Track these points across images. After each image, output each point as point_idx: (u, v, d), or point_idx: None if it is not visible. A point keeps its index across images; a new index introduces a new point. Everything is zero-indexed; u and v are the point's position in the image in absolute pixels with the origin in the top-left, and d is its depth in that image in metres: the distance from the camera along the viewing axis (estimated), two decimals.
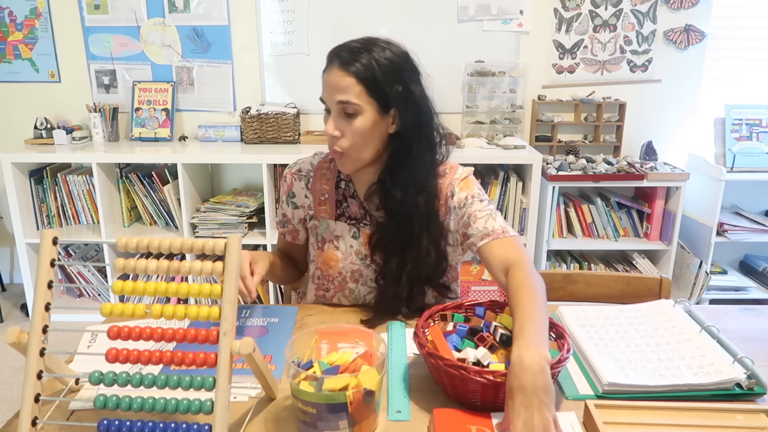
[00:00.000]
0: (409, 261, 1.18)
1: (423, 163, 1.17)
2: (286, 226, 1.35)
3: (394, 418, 0.88)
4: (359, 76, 1.08)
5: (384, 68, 1.09)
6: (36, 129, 2.81)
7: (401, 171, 1.16)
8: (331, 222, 1.27)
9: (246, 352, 0.79)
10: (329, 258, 1.27)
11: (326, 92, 1.12)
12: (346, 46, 1.12)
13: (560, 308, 1.20)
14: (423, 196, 1.17)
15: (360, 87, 1.09)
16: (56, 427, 0.86)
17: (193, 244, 0.84)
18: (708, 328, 1.06)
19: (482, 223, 1.19)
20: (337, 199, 1.27)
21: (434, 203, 1.20)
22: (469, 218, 1.20)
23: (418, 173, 1.16)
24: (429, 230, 1.19)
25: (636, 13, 2.81)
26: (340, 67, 1.09)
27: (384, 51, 1.11)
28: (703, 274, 2.75)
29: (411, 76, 1.14)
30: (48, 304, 0.83)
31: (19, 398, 0.80)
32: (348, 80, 1.09)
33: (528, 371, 0.80)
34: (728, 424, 0.84)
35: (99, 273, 2.92)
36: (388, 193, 1.17)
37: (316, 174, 1.29)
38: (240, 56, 2.88)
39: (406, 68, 1.13)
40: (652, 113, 2.94)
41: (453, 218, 1.24)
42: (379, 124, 1.13)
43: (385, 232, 1.20)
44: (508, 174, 2.74)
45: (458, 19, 2.80)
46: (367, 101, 1.10)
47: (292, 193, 1.31)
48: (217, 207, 2.73)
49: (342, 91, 1.09)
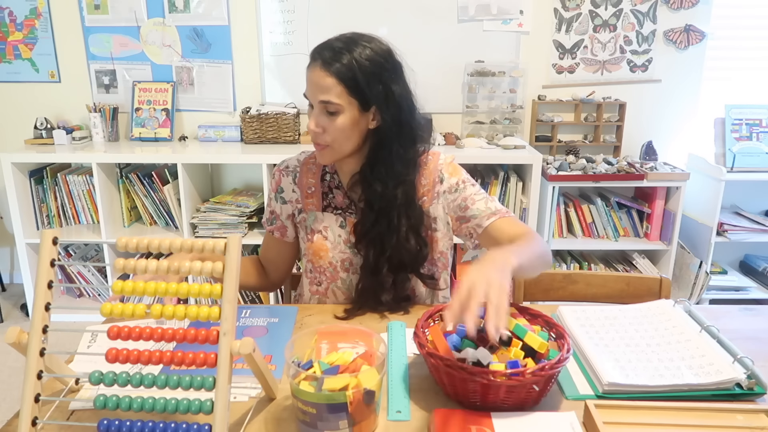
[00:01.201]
0: (388, 249, 1.22)
1: (402, 157, 1.20)
2: (274, 222, 1.37)
3: (394, 418, 0.88)
4: (340, 76, 1.11)
5: (364, 68, 1.11)
6: (36, 129, 2.81)
7: (381, 165, 1.19)
8: (319, 213, 1.30)
9: (246, 352, 0.79)
10: (319, 248, 1.29)
11: (309, 90, 1.16)
12: (329, 45, 1.14)
13: (560, 308, 1.20)
14: (402, 187, 1.21)
15: (341, 87, 1.11)
16: (56, 427, 0.86)
17: (193, 244, 0.84)
18: (708, 328, 1.06)
19: (482, 204, 1.24)
20: (323, 191, 1.31)
21: (413, 192, 1.23)
22: (466, 201, 1.25)
23: (397, 167, 1.20)
24: (408, 217, 1.22)
25: (636, 13, 2.81)
26: (322, 67, 1.12)
27: (365, 50, 1.13)
28: (703, 274, 2.75)
29: (391, 75, 1.16)
30: (48, 304, 0.83)
31: (19, 398, 0.80)
32: (329, 80, 1.11)
33: (490, 261, 0.92)
34: (728, 424, 0.84)
35: (99, 273, 2.92)
36: (369, 185, 1.21)
37: (302, 169, 1.32)
38: (240, 56, 2.88)
39: (386, 67, 1.15)
40: (652, 113, 2.94)
41: (442, 203, 1.27)
42: (359, 122, 1.16)
43: (364, 221, 1.24)
44: (508, 174, 2.74)
45: (458, 19, 2.80)
46: (347, 101, 1.13)
47: (280, 188, 1.34)
48: (217, 207, 2.73)
49: (324, 90, 1.12)
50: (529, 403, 0.89)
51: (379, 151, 1.19)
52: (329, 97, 1.12)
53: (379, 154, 1.19)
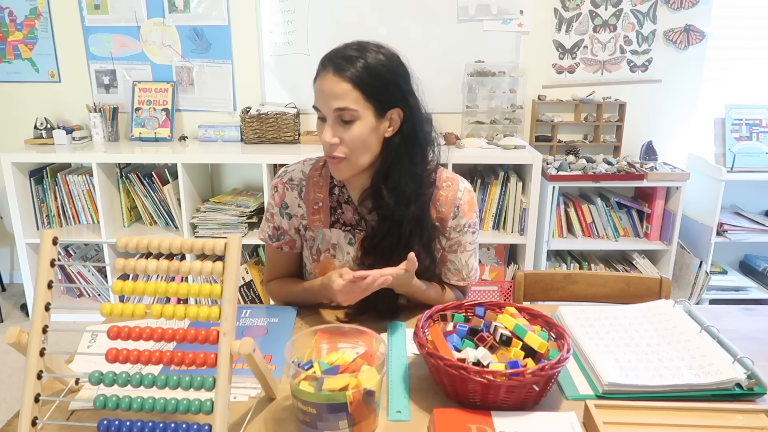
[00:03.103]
0: (397, 263, 1.17)
1: (416, 164, 1.17)
2: (282, 238, 1.30)
3: (394, 418, 0.88)
4: (355, 81, 1.08)
5: (379, 72, 1.09)
6: (36, 129, 2.81)
7: (395, 174, 1.15)
8: (326, 231, 1.26)
9: (246, 352, 0.79)
10: (326, 267, 1.26)
11: (321, 99, 1.11)
12: (339, 52, 1.11)
13: (560, 308, 1.20)
14: (415, 199, 1.17)
15: (357, 92, 1.08)
16: (56, 427, 0.86)
17: (193, 244, 0.84)
18: (708, 328, 1.06)
19: (465, 257, 1.30)
20: (331, 205, 1.25)
21: (427, 206, 1.21)
22: (458, 246, 1.28)
23: (412, 176, 1.16)
24: (420, 233, 1.19)
25: (636, 13, 2.81)
26: (335, 73, 1.08)
27: (378, 54, 1.10)
28: (703, 274, 2.75)
29: (405, 79, 1.14)
30: (48, 304, 0.83)
31: (19, 398, 0.80)
32: (344, 86, 1.07)
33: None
34: (728, 424, 0.84)
35: (99, 273, 2.92)
36: (381, 198, 1.17)
37: (308, 183, 1.26)
38: (240, 56, 2.88)
39: (400, 72, 1.13)
40: (652, 113, 2.94)
41: (447, 235, 1.27)
42: (376, 129, 1.12)
43: (375, 234, 1.20)
44: (508, 174, 2.74)
45: (458, 19, 2.80)
46: (364, 106, 1.09)
47: (284, 204, 1.27)
48: (217, 207, 2.73)
49: (338, 97, 1.08)
50: (529, 403, 0.89)
51: (393, 159, 1.15)
52: (345, 103, 1.08)
53: (392, 163, 1.15)
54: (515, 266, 2.86)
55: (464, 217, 1.25)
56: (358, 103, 1.08)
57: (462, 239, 1.27)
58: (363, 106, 1.09)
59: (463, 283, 1.32)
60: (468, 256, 1.30)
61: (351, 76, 1.07)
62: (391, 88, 1.11)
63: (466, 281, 1.32)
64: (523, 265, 2.75)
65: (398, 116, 1.14)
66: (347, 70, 1.08)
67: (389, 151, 1.15)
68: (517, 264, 2.86)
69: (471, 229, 1.28)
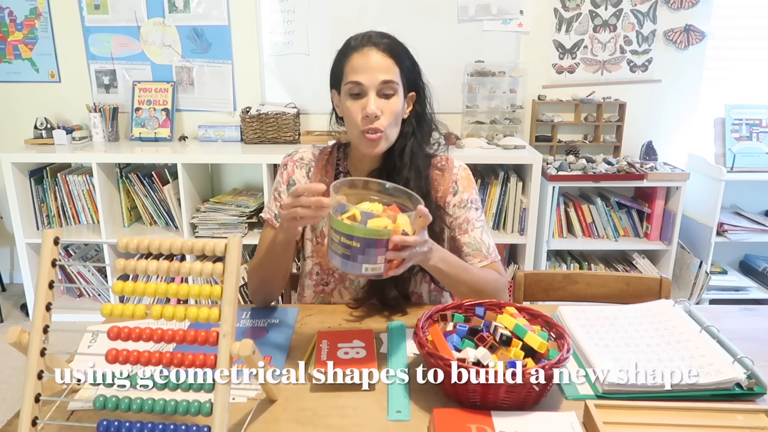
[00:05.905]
0: None
1: (423, 148, 1.24)
2: None
3: (394, 418, 0.88)
4: (396, 58, 1.16)
5: (408, 54, 1.19)
6: (36, 129, 2.81)
7: (404, 157, 1.21)
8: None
9: (245, 354, 0.78)
10: None
11: (365, 73, 1.14)
12: (374, 32, 1.18)
13: (560, 308, 1.20)
14: (421, 182, 1.22)
15: (397, 68, 1.16)
16: (56, 427, 0.86)
17: (193, 244, 0.84)
18: (708, 328, 1.06)
19: (477, 234, 1.27)
20: None
21: (430, 190, 1.24)
22: (467, 224, 1.27)
23: (419, 159, 1.22)
24: None
25: (636, 13, 2.81)
26: (379, 49, 1.15)
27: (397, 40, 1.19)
28: (703, 274, 2.75)
29: (418, 66, 1.23)
30: (49, 304, 0.83)
31: (20, 398, 0.80)
32: (389, 61, 1.15)
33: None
34: (728, 424, 0.84)
35: (99, 273, 2.92)
36: (399, 176, 1.21)
37: (317, 164, 1.30)
38: (240, 56, 2.88)
39: (415, 60, 1.22)
40: (652, 113, 2.94)
41: (450, 214, 1.28)
42: (403, 107, 1.20)
43: None
44: (508, 174, 2.74)
45: (458, 19, 2.80)
46: (400, 83, 1.17)
47: (292, 180, 1.30)
48: (217, 207, 2.73)
49: (385, 71, 1.14)
50: (529, 403, 0.89)
51: (402, 142, 1.22)
52: (391, 76, 1.14)
53: (401, 145, 1.22)
54: (515, 266, 2.86)
55: (465, 192, 1.28)
56: (399, 78, 1.16)
57: (468, 215, 1.27)
58: (400, 81, 1.17)
59: (487, 261, 1.26)
60: (480, 233, 1.27)
61: (393, 54, 1.16)
62: (415, 70, 1.21)
63: (489, 258, 1.27)
64: (523, 265, 2.75)
65: (412, 99, 1.23)
66: (390, 48, 1.16)
67: (404, 131, 1.23)
68: (517, 264, 2.86)
69: (474, 206, 1.29)
